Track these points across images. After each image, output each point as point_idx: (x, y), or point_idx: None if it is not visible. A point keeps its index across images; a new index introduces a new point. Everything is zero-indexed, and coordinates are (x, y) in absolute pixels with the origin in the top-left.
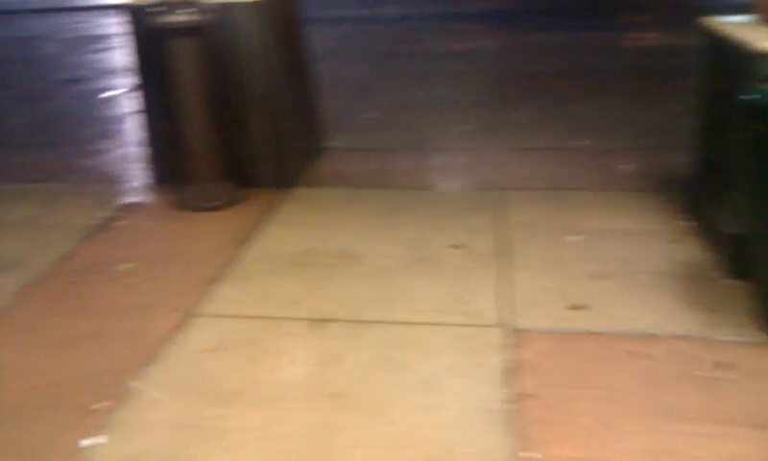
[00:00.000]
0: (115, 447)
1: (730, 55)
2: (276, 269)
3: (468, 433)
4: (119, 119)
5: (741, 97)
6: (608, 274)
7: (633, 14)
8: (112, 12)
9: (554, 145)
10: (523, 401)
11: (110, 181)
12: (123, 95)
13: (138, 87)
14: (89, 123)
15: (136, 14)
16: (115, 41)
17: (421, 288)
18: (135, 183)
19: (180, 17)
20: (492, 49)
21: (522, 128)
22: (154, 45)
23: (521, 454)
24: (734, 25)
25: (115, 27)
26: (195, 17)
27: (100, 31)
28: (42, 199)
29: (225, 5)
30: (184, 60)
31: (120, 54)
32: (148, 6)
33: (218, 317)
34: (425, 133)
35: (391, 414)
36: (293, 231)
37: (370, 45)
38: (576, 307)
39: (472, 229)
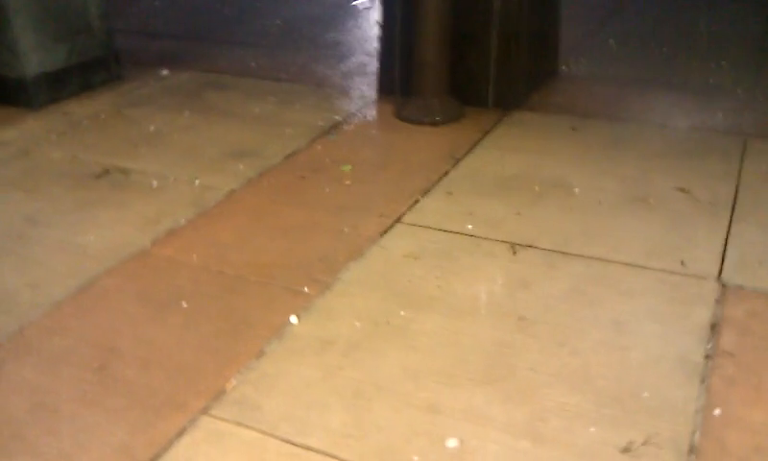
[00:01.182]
0: (313, 327)
1: None
2: (485, 189)
3: (656, 381)
4: (362, 28)
5: None
6: None
7: None
8: None
9: None
10: (722, 358)
11: (343, 87)
12: (369, 3)
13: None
14: (334, 29)
15: None
16: None
17: (633, 228)
18: (366, 91)
19: None
20: None
21: None
22: None
23: (713, 412)
24: None
25: None
26: None
27: None
28: (281, 97)
29: None
30: None
31: None
32: None
33: (423, 227)
34: (669, 67)
35: (576, 346)
36: (507, 154)
37: None
38: None
39: (703, 173)
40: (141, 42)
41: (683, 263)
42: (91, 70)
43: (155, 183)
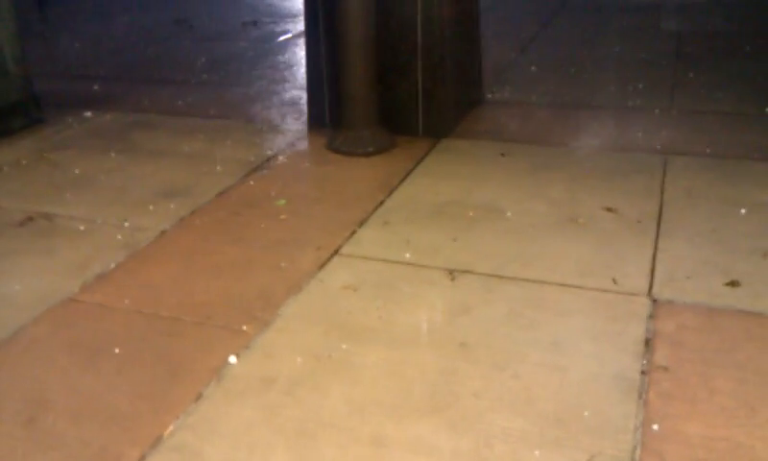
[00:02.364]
0: (253, 366)
1: None
2: (421, 217)
3: (596, 399)
4: (288, 62)
5: None
6: None
7: None
8: None
9: (730, 110)
10: (659, 374)
11: (274, 122)
12: (295, 39)
13: (306, 32)
14: (260, 65)
15: None
16: None
17: (565, 249)
18: (295, 125)
19: None
20: (674, 2)
21: (697, 89)
22: None
23: (651, 427)
24: None
25: None
26: None
27: None
28: (211, 134)
29: None
30: (353, 6)
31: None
32: None
33: (361, 258)
34: (588, 91)
35: (517, 369)
36: (440, 182)
37: None
38: (732, 284)
39: (628, 192)
40: (62, 85)
41: (614, 281)
42: (9, 115)
43: (82, 228)
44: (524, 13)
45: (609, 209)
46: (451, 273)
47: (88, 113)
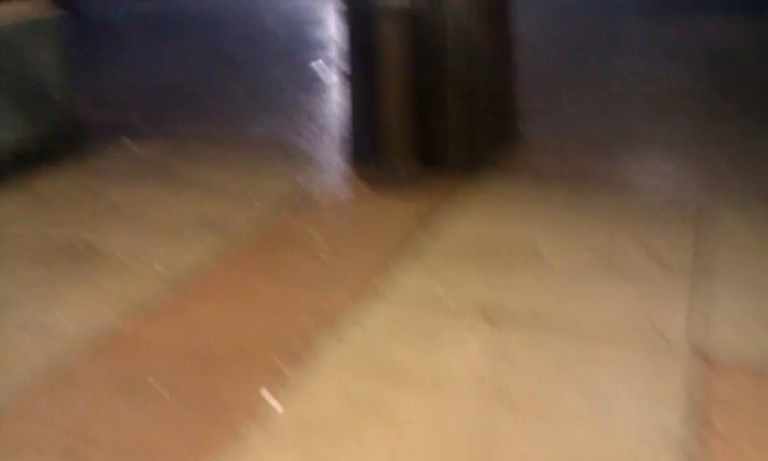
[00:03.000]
0: (290, 408)
1: None
2: (457, 256)
3: (641, 455)
4: (324, 94)
5: None
6: None
7: None
8: None
9: None
10: (707, 436)
11: (310, 154)
12: (332, 71)
13: (345, 65)
14: (300, 97)
15: None
16: (331, 20)
17: (605, 294)
18: (332, 158)
19: (396, 2)
20: (720, 39)
21: (745, 129)
22: (363, 25)
23: None
24: None
25: (332, 6)
26: (411, 2)
27: (318, 9)
28: (249, 165)
29: None
30: (391, 41)
31: (334, 32)
32: None
33: (398, 298)
34: (629, 127)
35: (558, 421)
36: (476, 218)
37: (577, 32)
38: None
39: (671, 237)
40: (105, 113)
41: (657, 330)
42: (55, 144)
43: (122, 258)
44: (564, 49)
45: (650, 254)
46: (490, 317)
47: (130, 142)
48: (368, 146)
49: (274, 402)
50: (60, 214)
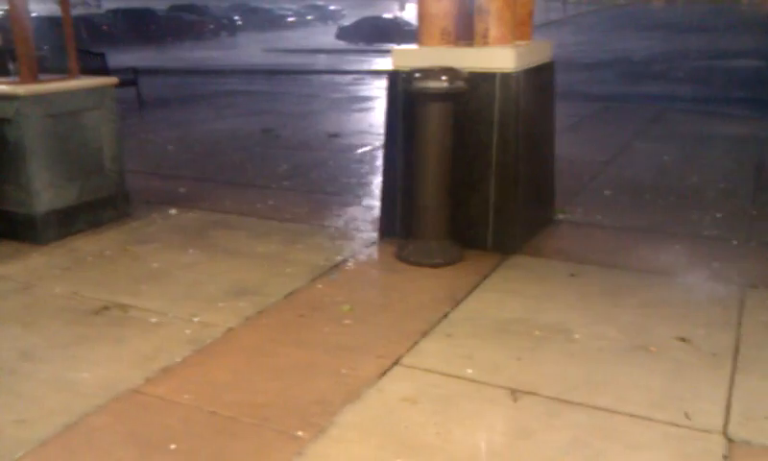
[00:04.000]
0: None
1: None
2: (485, 332)
3: None
4: (365, 173)
5: None
6: None
7: None
8: (378, 75)
9: None
10: None
11: (345, 228)
12: (374, 152)
13: (384, 145)
14: (339, 174)
15: (397, 79)
16: (376, 102)
17: (636, 377)
18: (366, 232)
19: (436, 84)
20: (759, 136)
21: None
22: (406, 107)
23: None
24: None
25: (378, 89)
26: (450, 84)
27: (365, 92)
28: (285, 237)
29: (485, 75)
30: (432, 123)
31: (379, 114)
32: (407, 72)
33: (422, 370)
34: (663, 217)
35: None
36: (506, 298)
37: (618, 123)
38: None
39: (704, 323)
40: (153, 183)
41: (687, 416)
42: (101, 208)
43: (153, 320)
44: (600, 137)
45: (682, 339)
46: (514, 393)
47: (173, 211)
48: (405, 223)
49: None
50: (97, 276)
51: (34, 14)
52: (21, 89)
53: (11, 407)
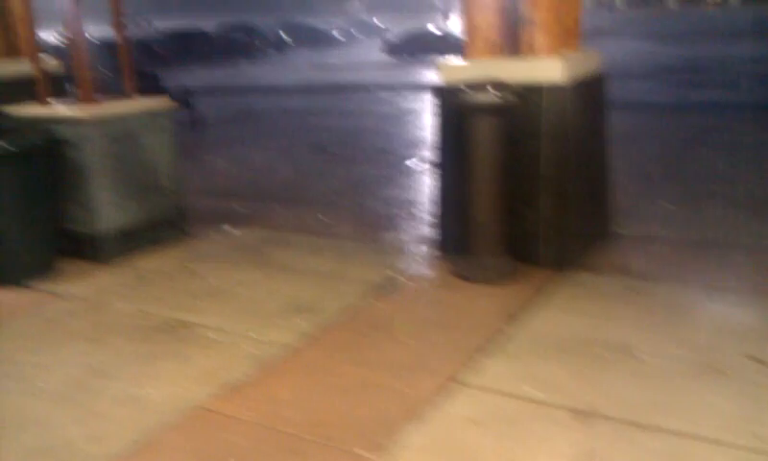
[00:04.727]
0: None
1: None
2: (545, 351)
3: None
4: (417, 188)
5: None
6: None
7: None
8: (426, 89)
9: None
10: None
11: (400, 244)
12: (425, 166)
13: (436, 160)
14: (391, 190)
15: (445, 93)
16: (425, 116)
17: (706, 399)
18: (421, 248)
19: (485, 97)
20: None
21: None
22: (456, 122)
23: None
24: None
25: (426, 103)
26: (499, 98)
27: (413, 106)
28: (340, 253)
29: (532, 87)
30: (484, 137)
31: (429, 128)
32: (456, 86)
33: (480, 389)
34: (726, 229)
35: None
36: (566, 316)
37: (674, 132)
38: None
39: None
40: (209, 202)
41: (757, 437)
42: (161, 227)
43: (215, 337)
44: (657, 148)
45: (755, 359)
46: (577, 414)
47: (230, 229)
48: (458, 238)
49: None
50: (159, 293)
51: (91, 39)
52: (81, 112)
53: (83, 423)
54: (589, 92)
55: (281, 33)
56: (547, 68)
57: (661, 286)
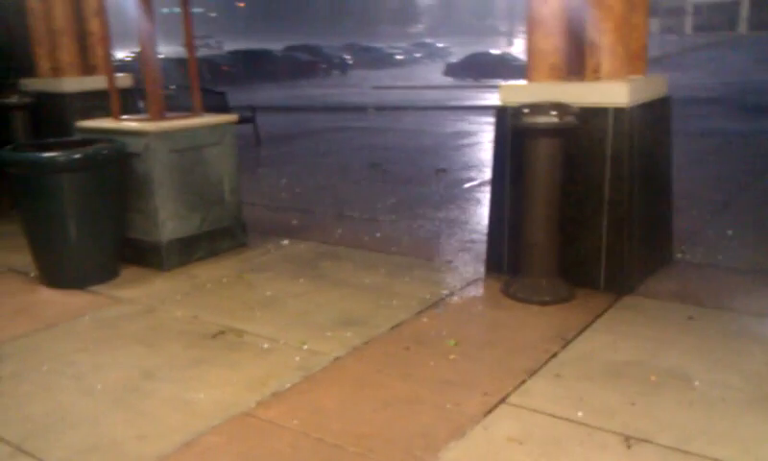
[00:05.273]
0: None
1: None
2: (596, 375)
3: None
4: (471, 208)
5: None
6: None
7: None
8: (486, 111)
9: None
10: None
11: (452, 262)
12: (481, 187)
13: (492, 181)
14: (445, 208)
15: (505, 114)
16: (484, 137)
17: (761, 430)
18: (472, 267)
19: (546, 119)
20: None
21: None
22: (514, 142)
23: None
24: None
25: (486, 125)
26: (559, 120)
27: (473, 127)
28: (391, 269)
29: (597, 110)
30: (541, 159)
31: (487, 149)
32: (515, 107)
33: (529, 410)
34: None
35: None
36: (619, 340)
37: (739, 159)
38: None
39: None
40: (267, 215)
41: None
42: (219, 237)
43: (265, 346)
44: (721, 173)
45: None
46: (627, 440)
47: (285, 241)
48: (512, 259)
49: None
50: (215, 301)
51: (161, 56)
52: (150, 126)
53: (133, 423)
54: (655, 116)
55: (344, 54)
56: (613, 92)
57: (720, 314)
